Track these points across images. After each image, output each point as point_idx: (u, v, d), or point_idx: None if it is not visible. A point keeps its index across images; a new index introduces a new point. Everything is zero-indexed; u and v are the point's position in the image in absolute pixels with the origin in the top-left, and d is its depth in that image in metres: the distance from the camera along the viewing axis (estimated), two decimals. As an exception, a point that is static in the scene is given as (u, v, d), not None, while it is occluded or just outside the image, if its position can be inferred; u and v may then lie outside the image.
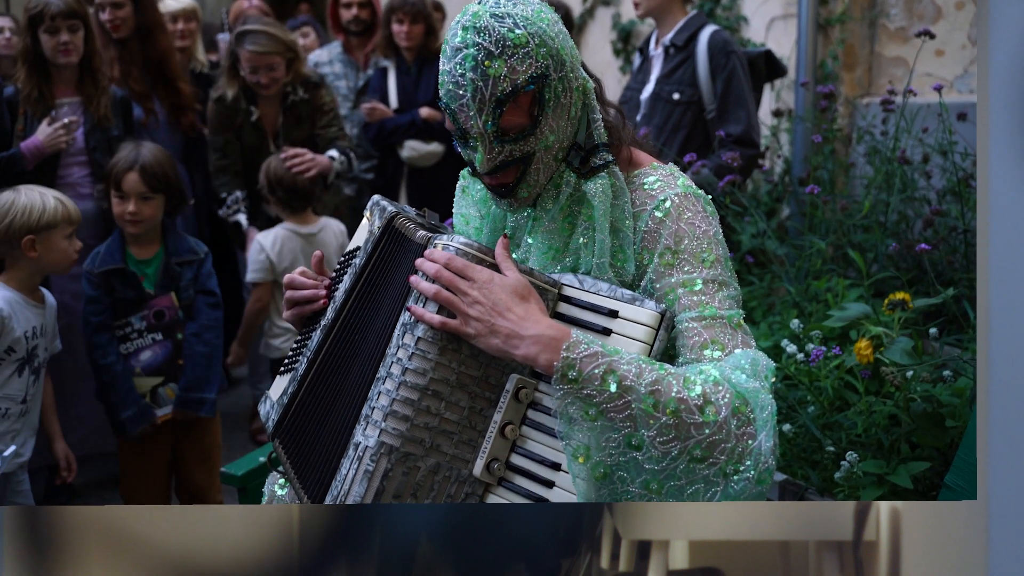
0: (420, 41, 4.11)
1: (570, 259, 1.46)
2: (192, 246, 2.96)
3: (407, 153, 4.08)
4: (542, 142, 1.41)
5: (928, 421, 2.12)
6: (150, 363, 2.86)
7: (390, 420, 1.34)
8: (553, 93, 1.39)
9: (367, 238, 1.58)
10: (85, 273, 2.84)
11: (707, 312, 1.36)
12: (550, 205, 1.47)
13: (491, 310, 1.32)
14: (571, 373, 1.27)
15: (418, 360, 1.34)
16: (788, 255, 3.10)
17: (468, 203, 1.65)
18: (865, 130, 3.47)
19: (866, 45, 4.32)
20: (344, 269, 1.65)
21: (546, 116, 1.39)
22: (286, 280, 1.69)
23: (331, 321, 1.57)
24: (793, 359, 2.30)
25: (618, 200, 1.44)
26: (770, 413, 1.27)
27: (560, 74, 1.39)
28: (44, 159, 3.09)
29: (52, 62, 3.14)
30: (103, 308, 2.81)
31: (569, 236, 1.47)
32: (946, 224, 2.93)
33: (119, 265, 2.82)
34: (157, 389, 2.87)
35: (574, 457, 1.28)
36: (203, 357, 2.86)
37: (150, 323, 2.85)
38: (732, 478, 1.25)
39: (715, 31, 3.29)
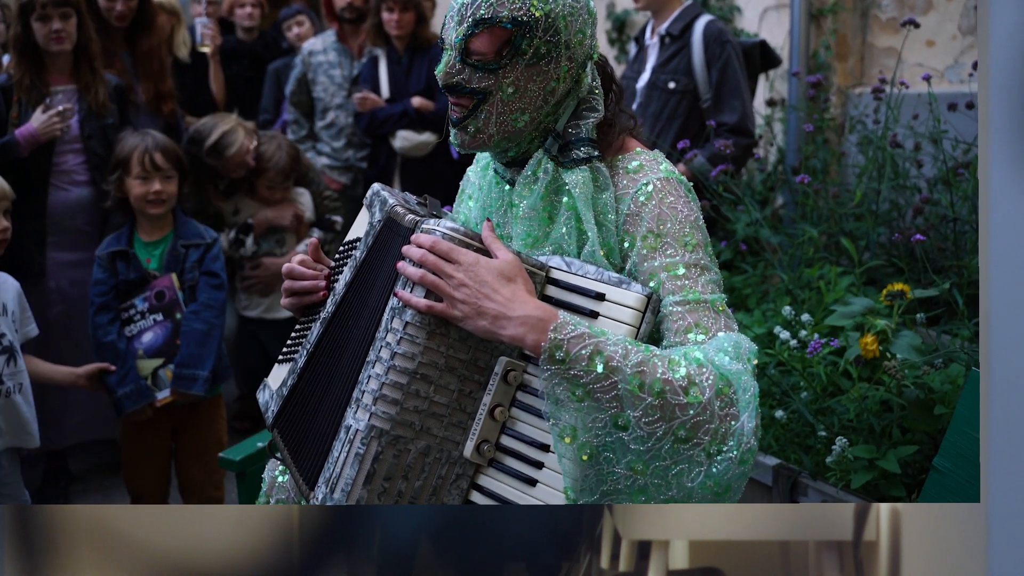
0: (411, 29, 4.07)
1: (549, 249, 1.47)
2: (201, 231, 2.98)
3: (400, 143, 4.07)
4: (501, 89, 1.43)
5: (919, 407, 2.15)
6: (152, 345, 2.86)
7: (380, 404, 1.35)
8: (533, 50, 1.41)
9: (367, 231, 1.58)
10: (96, 257, 2.89)
11: (691, 296, 1.38)
12: (526, 192, 1.48)
13: (477, 292, 1.33)
14: (558, 354, 1.28)
15: (406, 344, 1.35)
16: (781, 243, 3.12)
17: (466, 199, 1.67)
18: (857, 119, 3.50)
19: (858, 35, 4.34)
20: (344, 260, 1.64)
21: (514, 66, 1.42)
22: (285, 269, 1.69)
23: (331, 315, 1.58)
24: (786, 345, 2.33)
25: (601, 194, 1.45)
26: (752, 395, 1.29)
27: (548, 39, 1.41)
28: (39, 146, 3.08)
29: (45, 50, 3.13)
30: (107, 289, 2.84)
31: (549, 225, 1.48)
32: (936, 212, 2.96)
33: (123, 248, 2.86)
34: (158, 371, 2.86)
35: (560, 438, 1.30)
36: (199, 334, 2.83)
37: (151, 304, 2.87)
38: (715, 458, 1.27)
39: (710, 21, 3.30)
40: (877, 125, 3.27)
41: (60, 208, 3.20)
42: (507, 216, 1.56)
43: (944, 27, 3.96)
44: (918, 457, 2.15)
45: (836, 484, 2.16)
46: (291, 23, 4.81)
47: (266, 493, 1.72)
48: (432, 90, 4.06)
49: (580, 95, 1.50)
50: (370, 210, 1.62)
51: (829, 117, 3.78)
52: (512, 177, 1.55)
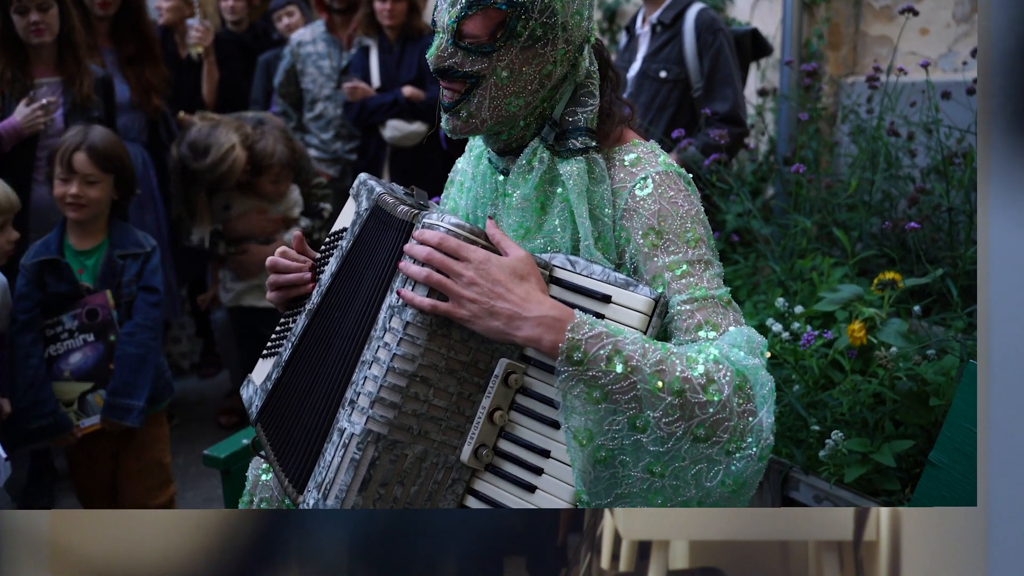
0: (403, 19, 4.06)
1: (541, 240, 1.43)
2: (139, 239, 2.76)
3: (390, 133, 4.04)
4: (495, 73, 1.38)
5: (913, 399, 2.12)
6: (80, 367, 2.62)
7: (377, 407, 1.30)
8: (528, 32, 1.36)
9: (354, 220, 1.54)
10: (21, 267, 2.64)
11: (698, 293, 1.34)
12: (520, 182, 1.44)
13: (490, 291, 1.28)
14: (576, 355, 1.23)
15: (406, 345, 1.30)
16: (773, 234, 3.10)
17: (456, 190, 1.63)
18: (850, 109, 3.47)
19: (851, 24, 4.31)
20: (330, 251, 1.60)
21: (508, 48, 1.37)
22: (269, 262, 1.65)
23: (316, 306, 1.53)
24: (778, 338, 2.30)
25: (597, 187, 1.41)
26: (770, 390, 1.27)
27: (544, 21, 1.36)
28: (22, 140, 3.04)
29: (26, 42, 3.07)
30: (33, 305, 2.59)
31: (542, 216, 1.44)
32: (930, 202, 2.94)
33: (53, 256, 2.63)
34: (86, 396, 2.62)
35: (575, 441, 1.25)
36: (134, 359, 2.61)
37: (82, 322, 2.62)
38: (734, 456, 1.24)
39: (702, 9, 3.28)
40: (870, 115, 3.24)
41: (43, 204, 3.14)
42: (500, 206, 1.52)
43: (938, 15, 3.93)
44: (912, 450, 2.13)
45: (829, 479, 2.14)
46: (281, 14, 4.77)
47: (249, 491, 1.70)
48: (423, 80, 4.04)
49: (577, 79, 1.45)
50: (356, 199, 1.57)
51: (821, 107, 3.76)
52: (506, 167, 1.51)
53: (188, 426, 3.97)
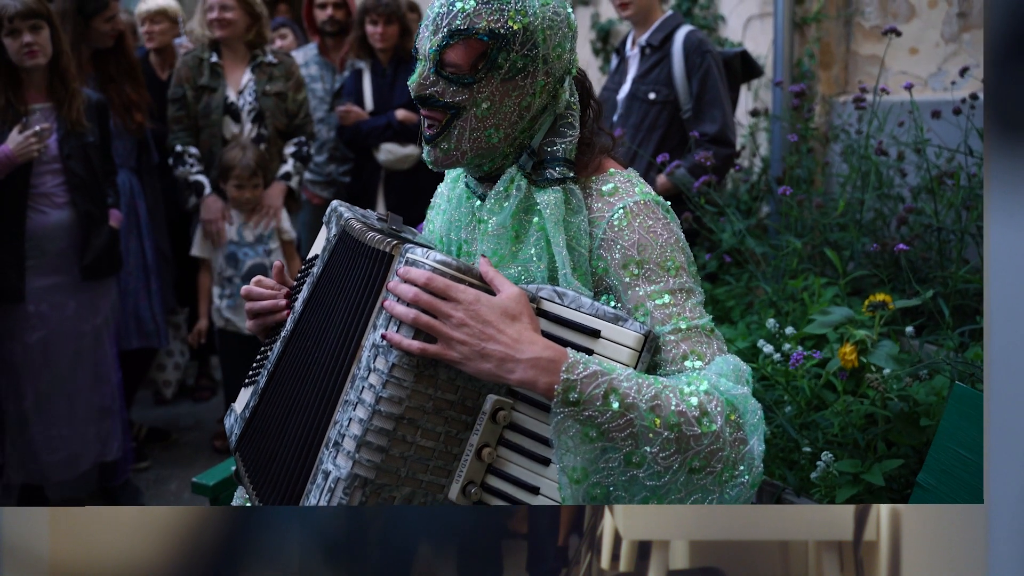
0: (395, 42, 4.07)
1: (515, 270, 1.41)
2: None
3: (384, 156, 4.05)
4: (475, 104, 1.38)
5: (904, 420, 2.12)
6: None
7: (364, 451, 1.26)
8: (509, 64, 1.36)
9: (324, 246, 1.53)
10: None
11: (681, 324, 1.34)
12: (496, 208, 1.43)
13: (480, 333, 1.25)
14: (572, 395, 1.21)
15: (393, 388, 1.26)
16: (765, 254, 3.10)
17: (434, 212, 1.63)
18: (841, 128, 3.49)
19: (842, 43, 4.34)
20: (303, 279, 1.59)
21: (489, 80, 1.37)
22: (244, 291, 1.64)
23: (289, 333, 1.52)
24: (770, 359, 2.30)
25: (573, 218, 1.40)
26: (759, 418, 1.27)
27: (526, 53, 1.36)
28: (16, 168, 3.03)
29: (19, 66, 3.06)
30: None
31: (516, 244, 1.43)
32: (920, 222, 2.94)
33: None
34: None
35: (570, 480, 1.24)
36: None
37: None
38: (728, 484, 1.24)
39: (690, 31, 3.29)
40: (860, 135, 3.26)
41: (39, 231, 3.14)
42: (474, 232, 1.51)
43: (927, 34, 3.96)
44: (903, 471, 2.13)
45: (821, 500, 2.13)
46: (274, 36, 4.79)
47: (236, 521, 1.69)
48: (416, 103, 4.05)
49: (557, 111, 1.45)
50: (327, 226, 1.57)
51: (813, 126, 3.77)
52: (483, 192, 1.50)
53: (182, 450, 3.96)
